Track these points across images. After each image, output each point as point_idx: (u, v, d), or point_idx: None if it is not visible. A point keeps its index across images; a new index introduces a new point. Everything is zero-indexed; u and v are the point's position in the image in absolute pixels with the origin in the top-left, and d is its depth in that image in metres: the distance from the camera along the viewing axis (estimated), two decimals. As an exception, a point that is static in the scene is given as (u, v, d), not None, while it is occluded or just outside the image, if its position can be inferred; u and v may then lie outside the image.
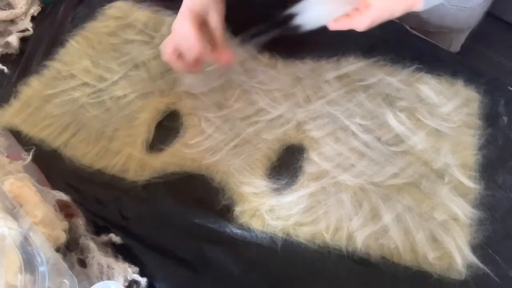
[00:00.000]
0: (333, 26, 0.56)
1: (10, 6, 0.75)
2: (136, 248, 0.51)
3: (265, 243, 0.52)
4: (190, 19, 0.58)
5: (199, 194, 0.56)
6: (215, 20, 0.59)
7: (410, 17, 0.74)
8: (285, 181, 0.56)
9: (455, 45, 0.85)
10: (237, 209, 0.54)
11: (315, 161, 0.57)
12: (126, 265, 0.49)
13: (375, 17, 0.54)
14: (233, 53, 0.61)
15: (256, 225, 0.53)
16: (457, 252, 0.50)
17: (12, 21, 0.74)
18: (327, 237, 0.51)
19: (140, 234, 0.53)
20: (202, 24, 0.59)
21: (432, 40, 0.73)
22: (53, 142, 0.60)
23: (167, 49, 0.60)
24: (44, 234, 0.44)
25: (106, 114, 0.63)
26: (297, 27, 0.57)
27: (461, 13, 0.76)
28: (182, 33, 0.59)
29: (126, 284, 0.48)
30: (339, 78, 0.65)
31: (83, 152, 0.59)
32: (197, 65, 0.61)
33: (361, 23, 0.54)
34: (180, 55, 0.60)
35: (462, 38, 0.87)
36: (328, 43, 0.69)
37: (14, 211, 0.45)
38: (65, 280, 0.42)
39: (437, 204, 0.53)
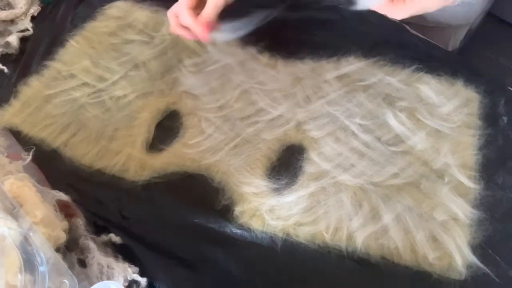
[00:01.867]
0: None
1: (10, 6, 0.76)
2: (136, 248, 0.51)
3: (265, 243, 0.52)
4: None
5: (199, 194, 0.56)
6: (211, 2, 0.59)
7: None
8: (285, 181, 0.56)
9: (454, 41, 0.85)
10: (237, 209, 0.54)
11: (315, 161, 0.57)
12: (126, 265, 0.48)
13: (415, 10, 0.54)
14: (208, 33, 0.59)
15: (256, 225, 0.53)
16: (457, 252, 0.50)
17: (12, 21, 0.75)
18: (327, 237, 0.51)
19: (140, 234, 0.53)
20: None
21: (431, 35, 0.72)
22: (53, 142, 0.60)
23: (171, 19, 0.62)
24: (44, 234, 0.44)
25: (106, 114, 0.63)
26: (349, 4, 0.56)
27: (459, 9, 0.76)
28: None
29: (126, 284, 0.48)
30: (339, 78, 0.65)
31: (83, 152, 0.59)
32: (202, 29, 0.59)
33: (401, 12, 0.54)
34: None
35: (461, 35, 0.87)
36: (328, 43, 0.69)
37: (14, 211, 0.45)
38: (65, 280, 0.42)
39: (437, 204, 0.53)
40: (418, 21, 0.74)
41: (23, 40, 0.73)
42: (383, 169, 0.56)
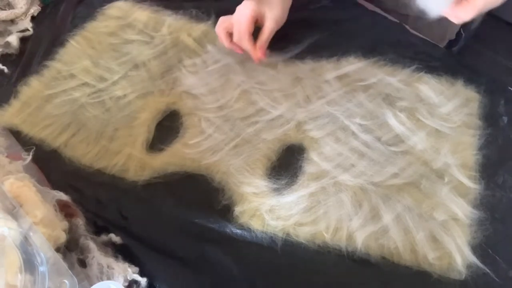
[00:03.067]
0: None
1: (10, 6, 0.76)
2: (136, 248, 0.51)
3: (265, 243, 0.52)
4: (251, 9, 0.63)
5: (199, 194, 0.56)
6: (269, 23, 0.65)
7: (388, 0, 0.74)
8: (285, 181, 0.56)
9: (450, 33, 0.85)
10: (237, 209, 0.54)
11: (315, 161, 0.57)
12: (126, 265, 0.49)
13: (481, 7, 0.53)
14: (265, 55, 0.66)
15: (256, 225, 0.53)
16: (457, 252, 0.50)
17: (12, 21, 0.75)
18: (327, 237, 0.51)
19: (140, 234, 0.53)
20: (258, 17, 0.65)
21: (426, 27, 0.71)
22: (53, 142, 0.60)
23: (220, 23, 0.66)
24: (44, 234, 0.44)
25: (106, 114, 0.63)
26: (421, 13, 0.56)
27: None
28: (239, 16, 0.65)
29: (126, 284, 0.48)
30: (339, 78, 0.65)
31: (83, 152, 0.59)
32: (239, 49, 0.66)
33: (466, 12, 0.54)
34: (229, 34, 0.66)
35: (457, 26, 0.86)
36: (328, 43, 0.69)
37: (14, 211, 0.45)
38: (65, 280, 0.42)
39: (437, 204, 0.53)
40: (413, 13, 0.74)
41: (23, 40, 0.73)
42: (383, 169, 0.56)
